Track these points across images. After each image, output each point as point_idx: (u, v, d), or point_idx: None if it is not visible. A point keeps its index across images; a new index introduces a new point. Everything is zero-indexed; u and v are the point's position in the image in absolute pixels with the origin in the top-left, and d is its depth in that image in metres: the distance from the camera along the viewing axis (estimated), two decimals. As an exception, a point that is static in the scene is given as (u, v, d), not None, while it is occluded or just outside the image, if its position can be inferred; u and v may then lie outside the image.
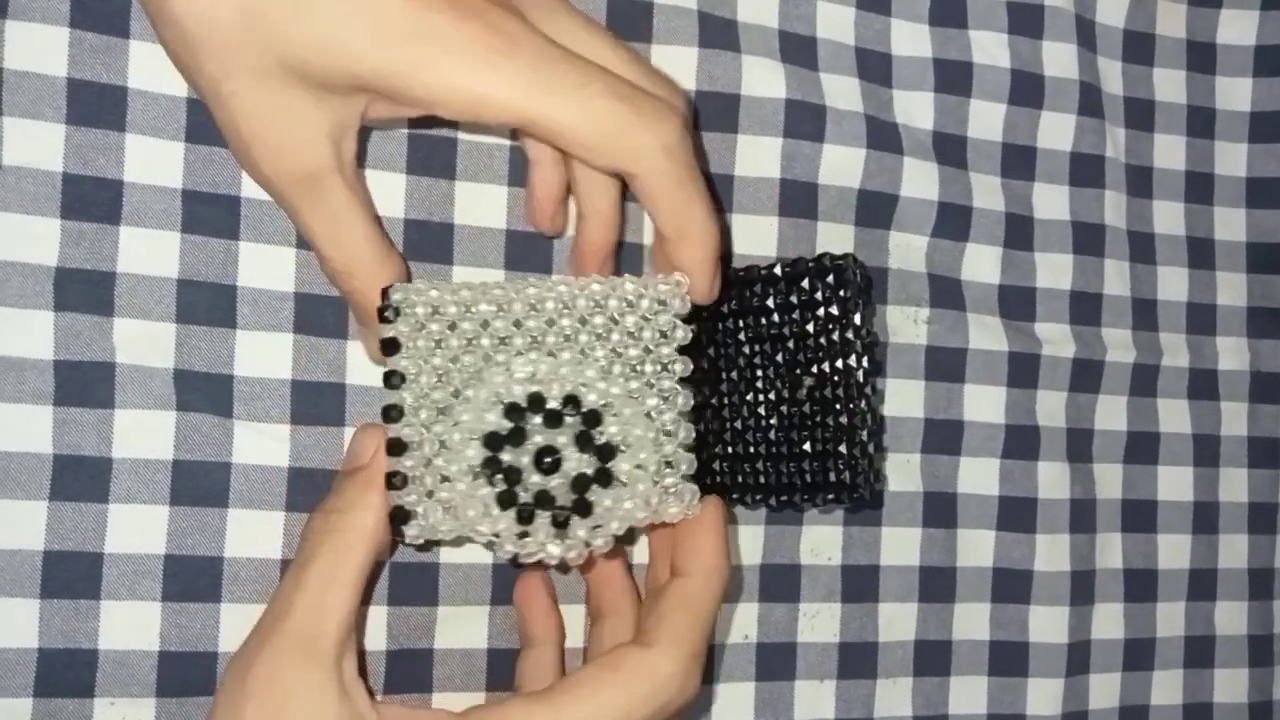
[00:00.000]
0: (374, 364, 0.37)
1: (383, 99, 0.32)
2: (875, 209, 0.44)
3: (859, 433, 0.35)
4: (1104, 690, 0.47)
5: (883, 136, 0.44)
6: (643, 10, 0.41)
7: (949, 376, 0.44)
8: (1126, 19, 0.48)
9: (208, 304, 0.36)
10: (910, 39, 0.45)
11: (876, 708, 0.43)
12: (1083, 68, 0.47)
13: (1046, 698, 0.45)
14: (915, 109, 0.45)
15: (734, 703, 0.41)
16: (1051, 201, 0.46)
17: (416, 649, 0.38)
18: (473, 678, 0.39)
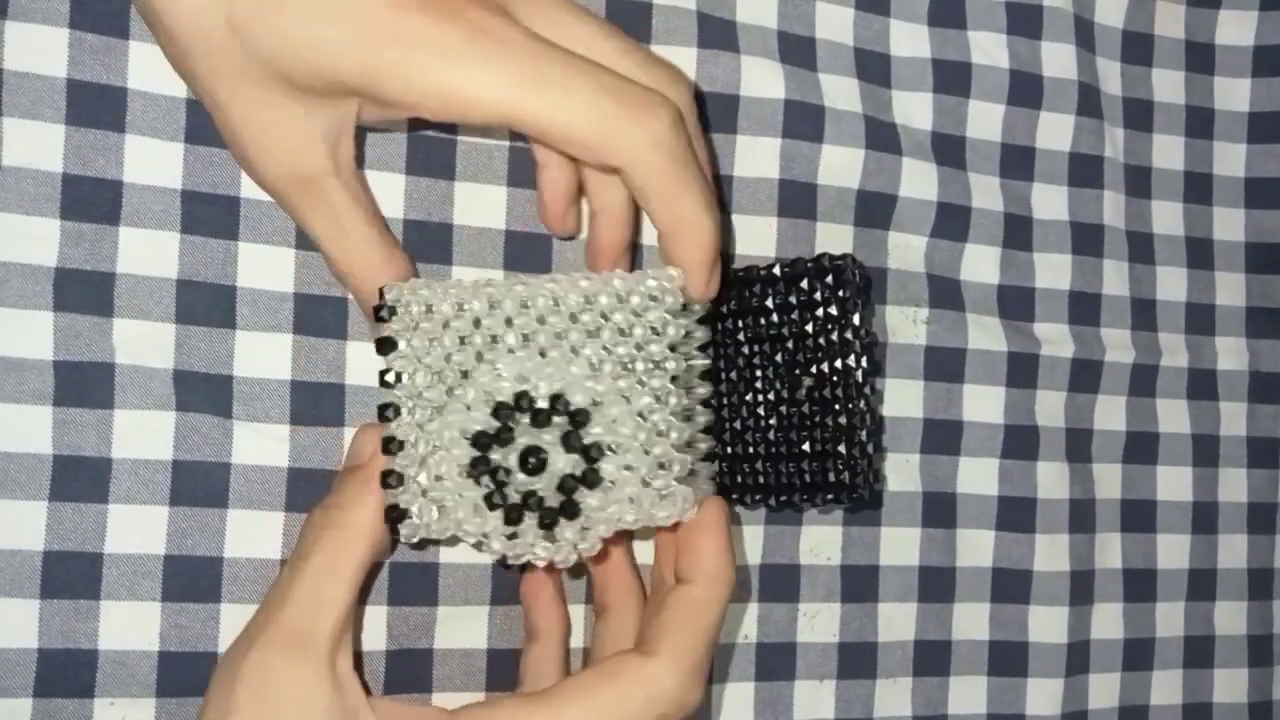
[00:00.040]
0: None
1: (371, 102, 0.32)
2: (874, 209, 0.44)
3: (858, 433, 0.34)
4: (1103, 690, 0.47)
5: (881, 137, 0.44)
6: (642, 10, 0.41)
7: (948, 377, 0.44)
8: (1125, 19, 0.48)
9: (207, 304, 0.36)
10: (909, 39, 0.45)
11: (876, 708, 0.43)
12: (1081, 68, 0.47)
13: (1046, 698, 0.45)
14: (914, 109, 0.45)
15: (733, 703, 0.41)
16: (1050, 202, 0.46)
17: (416, 649, 0.38)
18: (472, 678, 0.39)
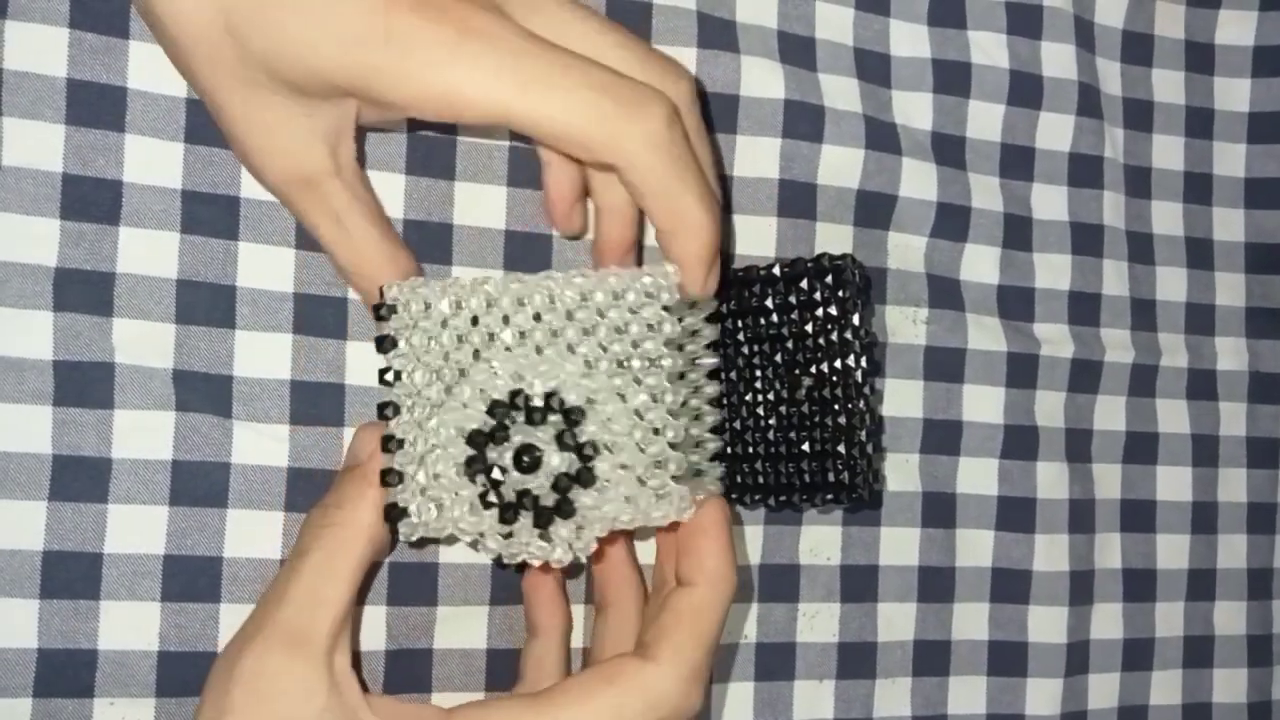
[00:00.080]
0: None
1: (367, 103, 0.32)
2: (874, 209, 0.44)
3: (858, 433, 0.34)
4: (1103, 690, 0.47)
5: (881, 137, 0.44)
6: (642, 10, 0.41)
7: (948, 377, 0.44)
8: (1125, 19, 0.48)
9: (207, 304, 0.36)
10: (909, 39, 0.45)
11: (876, 708, 0.43)
12: (1081, 68, 0.47)
13: (1045, 698, 0.45)
14: (914, 109, 0.45)
15: (733, 703, 0.41)
16: (1050, 202, 0.46)
17: (416, 649, 0.38)
18: (472, 678, 0.39)
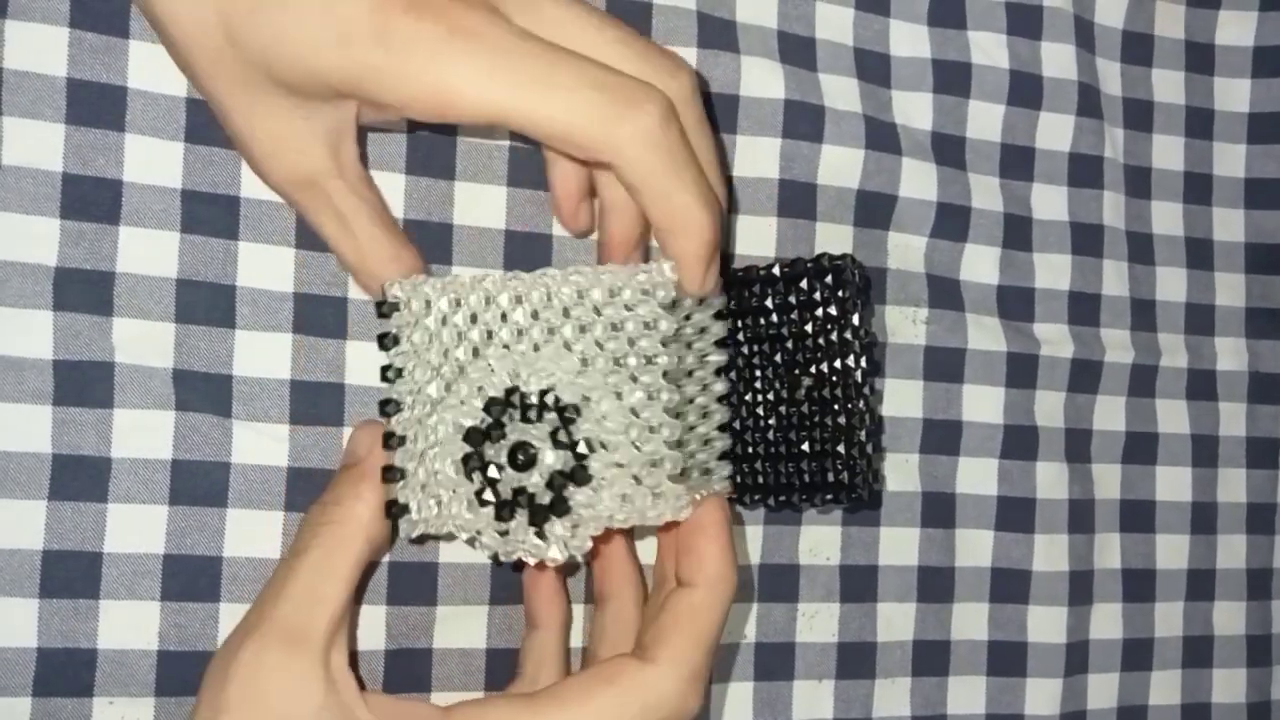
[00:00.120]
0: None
1: (365, 104, 0.32)
2: (874, 209, 0.44)
3: (857, 433, 0.34)
4: (1102, 690, 0.47)
5: (881, 137, 0.44)
6: (642, 10, 0.41)
7: (947, 377, 0.44)
8: (1125, 20, 0.48)
9: (207, 304, 0.36)
10: (909, 40, 0.45)
11: (875, 708, 0.43)
12: (1081, 68, 0.47)
13: (1045, 698, 0.45)
14: (914, 109, 0.45)
15: (732, 703, 0.41)
16: (1050, 202, 0.46)
17: (415, 648, 0.38)
18: (471, 677, 0.39)
